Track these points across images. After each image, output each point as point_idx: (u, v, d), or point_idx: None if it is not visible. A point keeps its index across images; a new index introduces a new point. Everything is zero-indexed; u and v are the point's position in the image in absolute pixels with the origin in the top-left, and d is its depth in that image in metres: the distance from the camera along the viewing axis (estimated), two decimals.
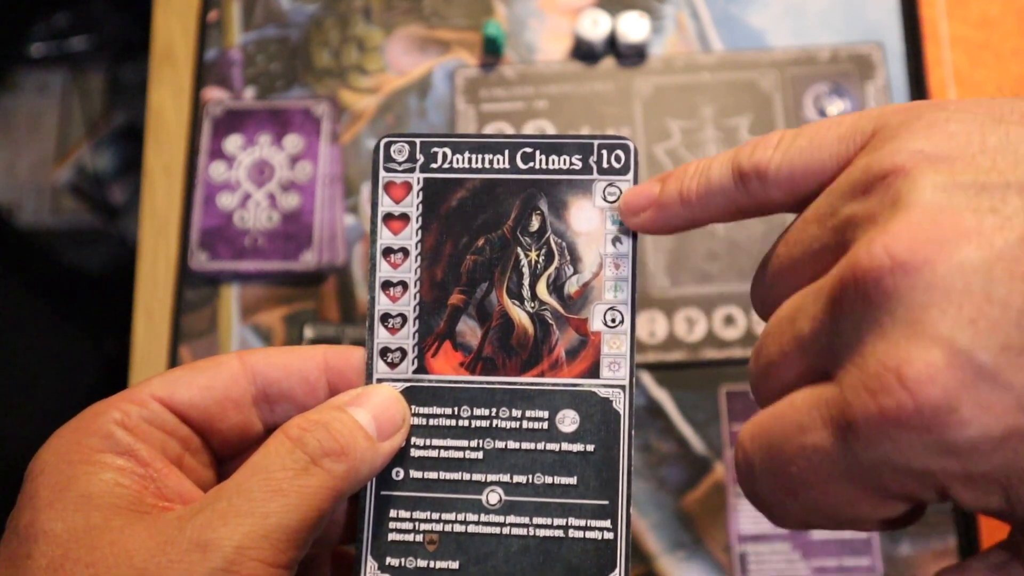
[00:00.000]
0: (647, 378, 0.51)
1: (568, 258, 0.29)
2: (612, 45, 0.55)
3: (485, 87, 0.55)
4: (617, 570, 0.28)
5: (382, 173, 0.30)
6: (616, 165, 0.29)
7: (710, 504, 0.49)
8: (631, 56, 0.55)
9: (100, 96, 1.13)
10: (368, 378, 0.29)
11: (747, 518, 0.49)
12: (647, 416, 0.50)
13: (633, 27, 0.54)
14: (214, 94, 0.56)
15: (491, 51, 0.55)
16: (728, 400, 0.50)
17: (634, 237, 0.29)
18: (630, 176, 0.29)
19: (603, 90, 0.55)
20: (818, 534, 0.48)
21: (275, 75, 0.56)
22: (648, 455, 0.50)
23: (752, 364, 0.24)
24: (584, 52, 0.55)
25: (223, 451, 0.29)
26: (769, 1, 0.56)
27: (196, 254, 0.53)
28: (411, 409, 0.29)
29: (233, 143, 0.55)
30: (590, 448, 0.28)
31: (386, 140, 0.30)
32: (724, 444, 0.50)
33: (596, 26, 0.54)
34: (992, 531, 0.47)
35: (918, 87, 0.54)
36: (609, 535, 0.28)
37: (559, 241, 0.29)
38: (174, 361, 0.53)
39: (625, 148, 0.29)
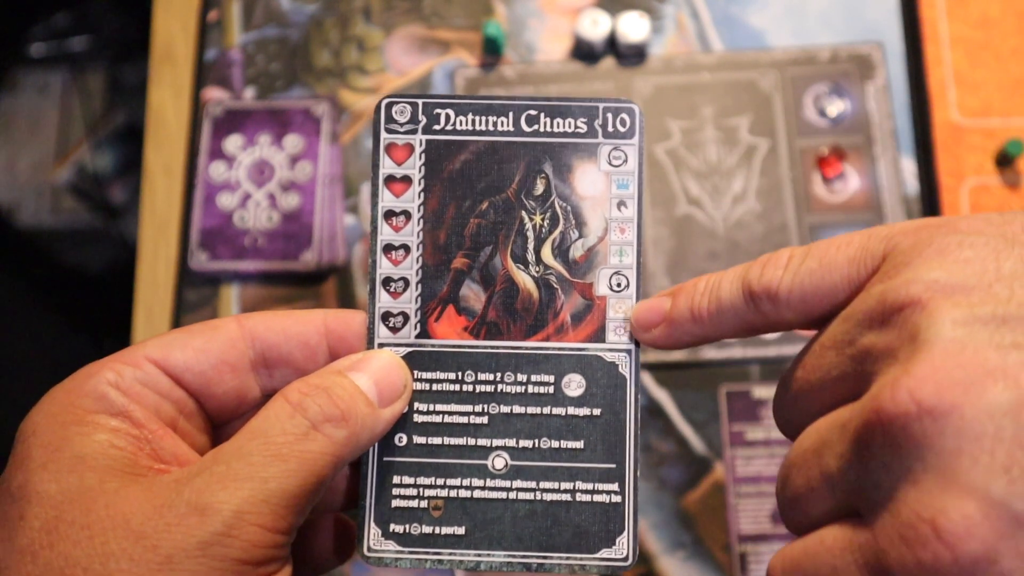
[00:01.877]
0: (647, 378, 0.51)
1: (573, 222, 0.29)
2: (612, 45, 0.55)
3: (485, 87, 0.55)
4: (625, 533, 0.28)
5: (383, 135, 0.29)
6: (621, 129, 0.29)
7: (710, 504, 0.49)
8: (631, 56, 0.55)
9: (100, 96, 1.13)
10: (370, 343, 0.29)
11: (747, 518, 0.49)
12: (647, 416, 0.50)
13: (633, 27, 0.54)
14: (214, 94, 0.56)
15: (491, 51, 0.55)
16: (728, 400, 0.50)
17: (639, 201, 0.29)
18: (635, 140, 0.29)
19: (603, 90, 0.55)
20: None
21: (275, 75, 0.56)
22: (648, 455, 0.50)
23: (779, 492, 0.24)
24: (584, 52, 0.55)
25: (219, 416, 0.28)
26: (769, 1, 0.56)
27: (196, 254, 0.53)
28: (414, 374, 0.29)
29: (233, 143, 0.55)
30: (596, 412, 0.28)
31: (387, 101, 0.29)
32: (724, 444, 0.50)
33: (596, 26, 0.54)
34: None
35: (918, 87, 0.54)
36: (617, 498, 0.28)
37: (564, 205, 0.29)
38: None
39: (630, 112, 0.29)
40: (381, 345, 0.29)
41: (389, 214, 0.29)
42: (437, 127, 0.29)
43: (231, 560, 0.22)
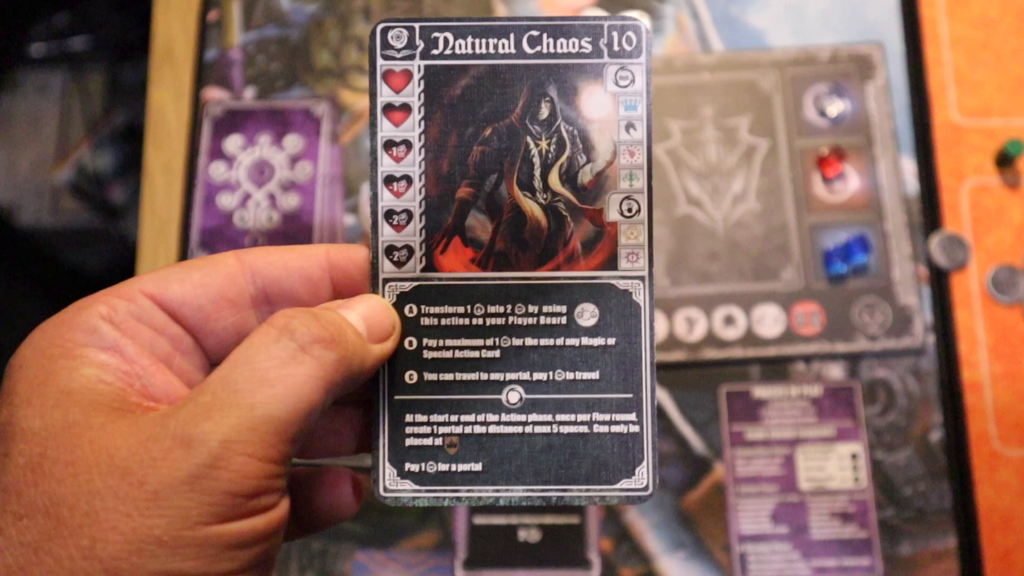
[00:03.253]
0: None
1: (580, 146, 0.28)
2: None
3: None
4: (645, 463, 0.28)
5: (380, 61, 0.28)
6: (628, 47, 0.28)
7: (710, 504, 0.49)
8: None
9: (100, 96, 1.13)
10: (374, 278, 0.28)
11: (747, 518, 0.49)
12: None
13: None
14: (214, 94, 0.56)
15: None
16: (728, 400, 0.50)
17: (648, 123, 0.28)
18: (642, 59, 0.28)
19: None
20: (818, 534, 0.48)
21: (275, 75, 0.56)
22: None
23: None
24: None
25: (217, 353, 0.27)
26: (769, 1, 0.56)
27: (196, 254, 0.53)
28: (421, 309, 0.28)
29: (233, 143, 0.55)
30: (611, 341, 0.28)
31: (383, 26, 0.28)
32: (724, 444, 0.50)
33: None
34: (992, 531, 0.47)
35: (918, 87, 0.54)
36: (635, 428, 0.28)
37: (570, 129, 0.28)
38: None
39: (636, 29, 0.28)
40: (386, 280, 0.28)
41: (389, 144, 0.28)
42: (436, 51, 0.28)
43: (221, 493, 0.21)
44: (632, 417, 0.28)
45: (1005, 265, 0.51)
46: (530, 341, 0.28)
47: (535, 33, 0.28)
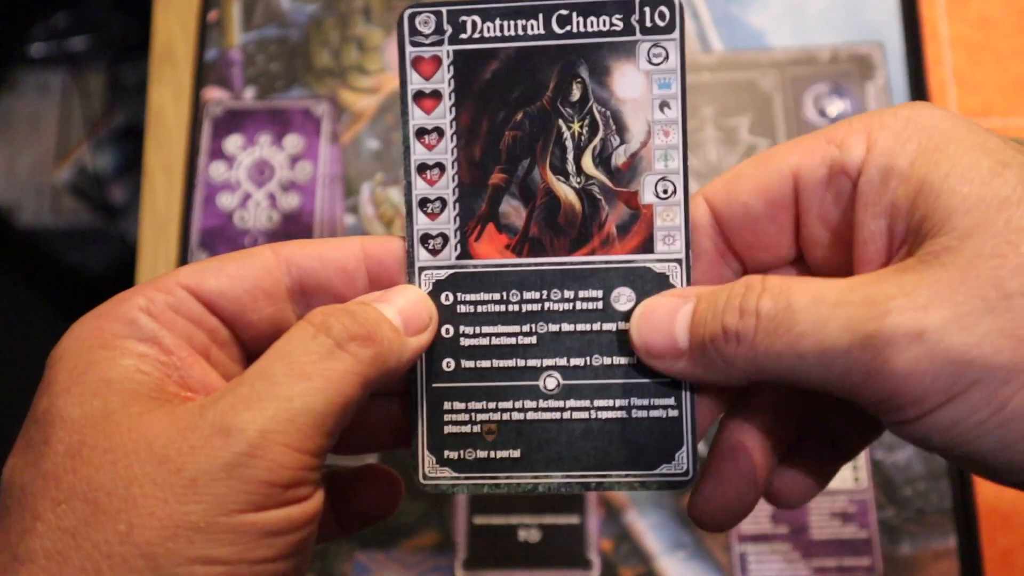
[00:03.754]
0: None
1: (613, 128, 0.27)
2: None
3: None
4: (684, 447, 0.27)
5: (408, 48, 0.28)
6: (660, 23, 0.27)
7: None
8: None
9: (100, 96, 1.13)
10: (410, 266, 0.28)
11: (747, 518, 0.49)
12: None
13: None
14: (214, 94, 0.56)
15: None
16: None
17: (683, 101, 0.27)
18: (676, 35, 0.27)
19: None
20: (818, 534, 0.48)
21: (275, 75, 0.56)
22: None
23: None
24: None
25: (255, 345, 0.27)
26: (769, 1, 0.56)
27: (196, 254, 0.53)
28: (457, 296, 0.28)
29: (233, 143, 0.55)
30: None
31: (411, 11, 0.28)
32: None
33: None
34: (992, 531, 0.47)
35: (918, 87, 0.54)
36: (674, 412, 0.27)
37: (603, 110, 0.27)
38: None
39: (670, 4, 0.27)
40: (422, 268, 0.28)
41: (421, 132, 0.28)
42: (464, 36, 0.28)
43: (257, 482, 0.21)
44: (671, 401, 0.27)
45: None
46: (567, 327, 0.28)
47: (564, 12, 0.27)
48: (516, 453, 0.27)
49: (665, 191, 0.27)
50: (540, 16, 0.27)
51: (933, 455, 0.49)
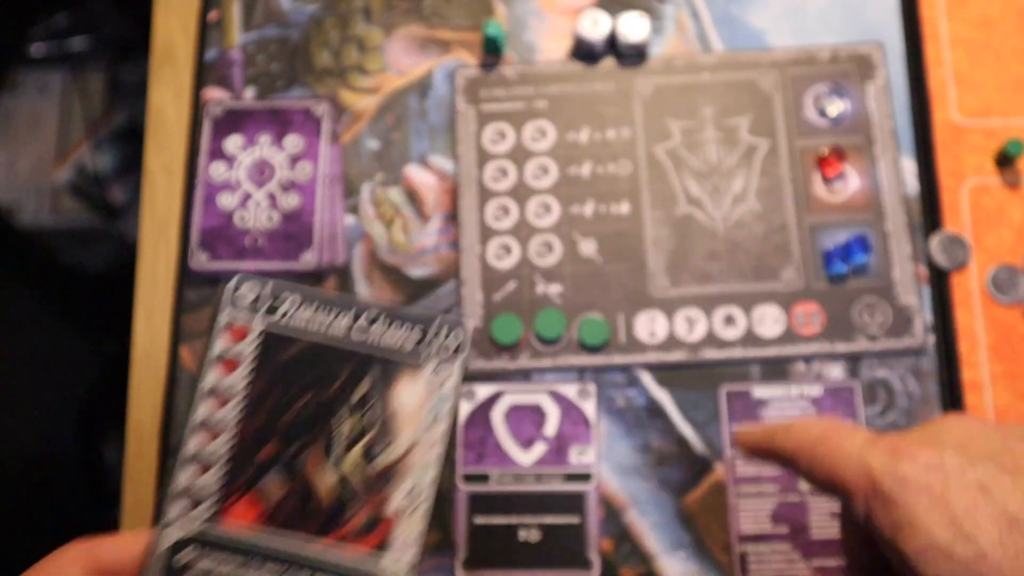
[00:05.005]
0: (647, 378, 0.51)
1: (385, 433, 0.30)
2: (612, 45, 0.55)
3: (485, 87, 0.55)
4: None
5: (228, 309, 0.30)
6: (450, 347, 0.30)
7: (710, 504, 0.49)
8: (631, 56, 0.55)
9: (100, 96, 1.13)
10: (157, 519, 0.29)
11: (747, 518, 0.49)
12: (647, 416, 0.50)
13: (633, 27, 0.54)
14: (214, 94, 0.56)
15: (491, 51, 0.55)
16: (728, 400, 0.50)
17: (452, 421, 0.30)
18: (458, 361, 0.30)
19: (603, 90, 0.55)
20: (818, 534, 0.48)
21: (275, 75, 0.56)
22: (648, 455, 0.50)
23: None
24: (584, 52, 0.55)
25: None
26: (769, 1, 0.56)
27: (196, 254, 0.53)
28: (199, 557, 0.29)
29: (233, 143, 0.55)
30: None
31: (239, 278, 0.30)
32: (724, 444, 0.50)
33: (596, 26, 0.54)
34: None
35: (918, 87, 0.54)
36: None
37: (380, 414, 0.30)
38: (174, 361, 0.53)
39: (462, 331, 0.30)
40: (167, 524, 0.29)
41: (212, 391, 0.30)
42: (276, 315, 0.30)
43: None
44: None
45: (1005, 265, 0.51)
46: None
47: (373, 314, 0.30)
48: None
49: (412, 503, 0.29)
50: (351, 313, 0.30)
51: None
